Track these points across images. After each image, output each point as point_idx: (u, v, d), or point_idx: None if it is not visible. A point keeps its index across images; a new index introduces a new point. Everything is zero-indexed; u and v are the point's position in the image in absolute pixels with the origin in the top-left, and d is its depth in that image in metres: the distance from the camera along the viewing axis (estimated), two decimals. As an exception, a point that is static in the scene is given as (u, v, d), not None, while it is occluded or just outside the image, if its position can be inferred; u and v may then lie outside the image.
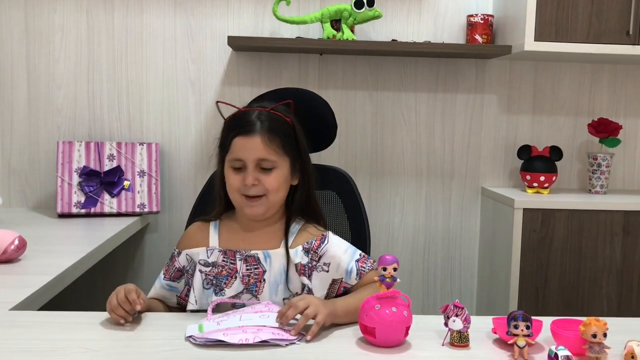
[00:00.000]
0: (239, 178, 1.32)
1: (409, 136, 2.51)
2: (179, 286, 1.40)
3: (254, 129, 1.31)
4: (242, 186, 1.32)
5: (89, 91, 2.42)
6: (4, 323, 1.18)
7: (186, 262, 1.38)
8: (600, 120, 2.41)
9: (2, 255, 1.54)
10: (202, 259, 1.36)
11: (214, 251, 1.36)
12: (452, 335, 1.12)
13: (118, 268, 2.44)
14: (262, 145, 1.31)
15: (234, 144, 1.32)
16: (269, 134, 1.32)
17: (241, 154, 1.32)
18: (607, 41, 2.20)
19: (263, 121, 1.33)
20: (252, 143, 1.31)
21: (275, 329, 1.13)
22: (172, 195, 2.46)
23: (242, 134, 1.32)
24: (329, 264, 1.35)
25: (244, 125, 1.32)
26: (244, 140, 1.31)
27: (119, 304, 1.17)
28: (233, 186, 1.33)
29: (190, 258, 1.38)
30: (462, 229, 2.56)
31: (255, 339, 1.09)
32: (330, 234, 1.40)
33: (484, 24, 2.37)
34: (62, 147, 2.25)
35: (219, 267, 1.35)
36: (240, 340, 1.08)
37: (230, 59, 2.43)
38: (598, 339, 1.03)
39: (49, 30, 2.38)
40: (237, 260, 1.34)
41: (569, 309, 2.22)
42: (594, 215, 2.21)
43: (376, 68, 2.48)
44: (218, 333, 1.10)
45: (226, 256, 1.35)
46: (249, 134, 1.31)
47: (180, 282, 1.40)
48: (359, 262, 1.36)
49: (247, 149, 1.31)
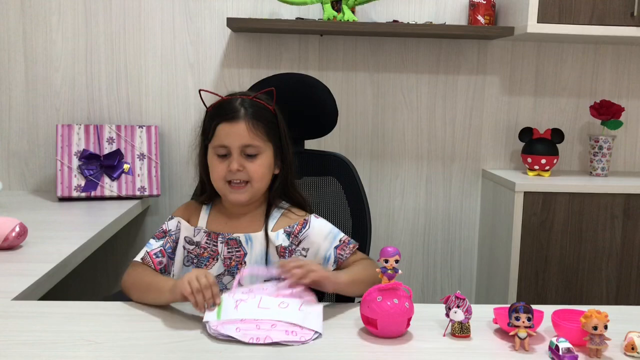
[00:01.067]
0: (223, 166, 1.33)
1: (410, 118, 2.50)
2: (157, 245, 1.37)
3: (238, 115, 1.32)
4: (226, 173, 1.33)
5: (87, 73, 2.40)
6: (7, 314, 1.18)
7: (174, 228, 1.39)
8: (602, 102, 2.39)
9: (3, 243, 1.54)
10: (188, 236, 1.38)
11: (200, 232, 1.38)
12: (454, 326, 1.12)
13: (119, 251, 2.45)
14: (246, 131, 1.32)
15: (219, 131, 1.33)
16: (253, 120, 1.33)
17: (226, 140, 1.32)
18: (611, 23, 2.17)
19: (247, 108, 1.34)
20: (236, 129, 1.32)
21: (289, 325, 1.11)
22: (172, 178, 2.46)
23: (226, 120, 1.32)
24: (307, 249, 1.37)
25: (228, 112, 1.33)
26: (228, 127, 1.32)
27: (201, 289, 1.15)
28: (218, 174, 1.34)
29: (179, 227, 1.39)
30: (462, 211, 2.56)
31: (266, 339, 1.08)
32: (312, 218, 1.39)
33: (487, 4, 2.34)
34: (62, 130, 2.23)
35: (201, 248, 1.37)
36: (252, 339, 1.08)
37: (230, 40, 2.41)
38: (599, 330, 1.03)
39: (46, 12, 2.35)
40: (218, 243, 1.36)
41: (568, 292, 2.23)
42: (594, 198, 2.21)
43: (377, 49, 2.45)
44: (231, 326, 1.10)
45: (209, 238, 1.37)
46: (233, 120, 1.32)
47: (160, 241, 1.37)
48: (338, 249, 1.36)
49: (231, 135, 1.32)
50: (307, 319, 1.14)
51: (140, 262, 1.34)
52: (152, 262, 1.34)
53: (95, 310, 1.22)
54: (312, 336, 1.10)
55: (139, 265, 1.34)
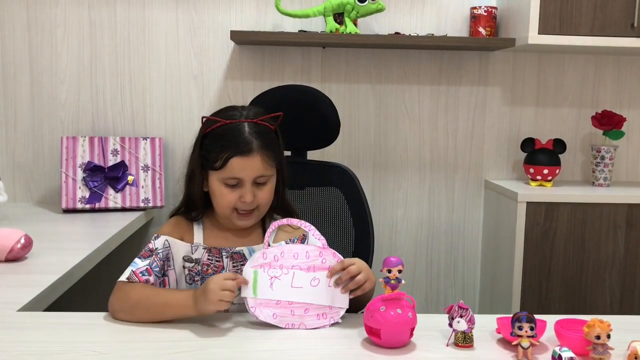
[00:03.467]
0: (234, 195, 1.31)
1: (412, 129, 2.51)
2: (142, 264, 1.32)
3: (252, 148, 1.30)
4: (237, 202, 1.32)
5: (91, 86, 2.42)
6: (13, 324, 1.19)
7: (161, 246, 1.33)
8: (604, 113, 2.40)
9: (9, 254, 1.55)
10: (186, 255, 1.35)
11: (199, 248, 1.36)
12: (457, 335, 1.12)
13: (122, 262, 2.42)
14: (261, 164, 1.31)
15: (232, 164, 1.30)
16: (266, 151, 1.31)
17: (240, 173, 1.30)
18: (611, 34, 2.19)
19: (257, 138, 1.31)
20: (252, 163, 1.30)
21: (320, 308, 1.22)
22: (176, 190, 2.47)
23: (240, 154, 1.29)
24: None
25: (241, 144, 1.30)
26: (243, 161, 1.29)
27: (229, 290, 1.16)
28: (228, 203, 1.32)
29: (167, 245, 1.34)
30: (465, 222, 2.57)
31: (300, 326, 1.20)
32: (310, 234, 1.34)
33: (488, 16, 2.36)
34: (67, 142, 2.25)
35: (203, 265, 1.35)
36: (287, 324, 1.20)
37: (233, 52, 2.43)
38: (602, 340, 1.04)
39: (51, 25, 2.38)
40: (222, 258, 1.35)
41: (571, 302, 2.23)
42: (597, 208, 2.21)
43: (379, 61, 2.47)
44: (269, 311, 1.20)
45: (211, 254, 1.36)
46: (248, 154, 1.30)
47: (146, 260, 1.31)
48: None
49: (247, 169, 1.30)
50: (336, 297, 1.23)
51: (126, 281, 1.27)
52: (138, 280, 1.27)
53: (100, 321, 1.22)
54: (341, 314, 1.23)
55: (129, 284, 1.26)
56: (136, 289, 1.25)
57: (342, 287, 1.22)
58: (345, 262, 1.23)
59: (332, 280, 1.23)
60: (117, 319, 1.22)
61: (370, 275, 1.24)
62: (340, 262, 1.23)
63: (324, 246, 1.26)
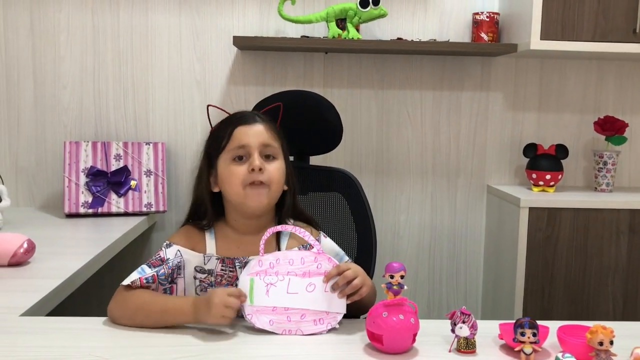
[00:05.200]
0: (243, 168, 1.31)
1: (415, 134, 2.51)
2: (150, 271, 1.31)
3: (255, 119, 1.36)
4: (246, 175, 1.30)
5: (94, 91, 2.43)
6: (15, 329, 1.19)
7: (173, 256, 1.32)
8: (606, 118, 2.40)
9: (12, 259, 1.55)
10: (199, 265, 1.34)
11: (212, 258, 1.34)
12: (459, 341, 1.12)
13: (125, 267, 2.44)
14: (265, 131, 1.34)
15: (236, 133, 1.33)
16: (270, 124, 1.37)
17: (245, 139, 1.32)
18: (613, 39, 2.19)
19: (261, 116, 1.38)
20: (255, 129, 1.34)
21: (317, 313, 1.21)
22: (179, 195, 2.47)
23: (243, 123, 1.34)
24: None
25: (244, 117, 1.36)
26: (247, 128, 1.34)
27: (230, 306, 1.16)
28: (237, 178, 1.30)
29: (180, 254, 1.33)
30: (467, 227, 2.56)
31: (297, 332, 1.19)
32: (322, 239, 1.40)
33: (490, 22, 2.36)
34: (69, 147, 2.25)
35: (217, 276, 1.34)
36: (284, 331, 1.20)
37: (236, 58, 2.44)
38: (605, 346, 1.03)
39: (55, 30, 2.39)
40: (236, 268, 1.33)
41: (574, 308, 2.23)
42: (599, 213, 2.21)
43: (381, 66, 2.48)
44: (265, 318, 1.20)
45: (224, 264, 1.34)
46: (252, 123, 1.35)
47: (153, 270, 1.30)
48: None
49: (251, 134, 1.33)
50: (333, 302, 1.22)
51: (128, 286, 1.26)
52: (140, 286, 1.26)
53: (103, 326, 1.22)
54: (338, 319, 1.22)
55: (129, 290, 1.25)
56: (136, 294, 1.25)
57: (339, 292, 1.22)
58: (341, 267, 1.23)
59: (328, 286, 1.23)
60: (118, 324, 1.22)
61: (367, 280, 1.24)
62: (336, 267, 1.23)
63: (320, 251, 1.26)
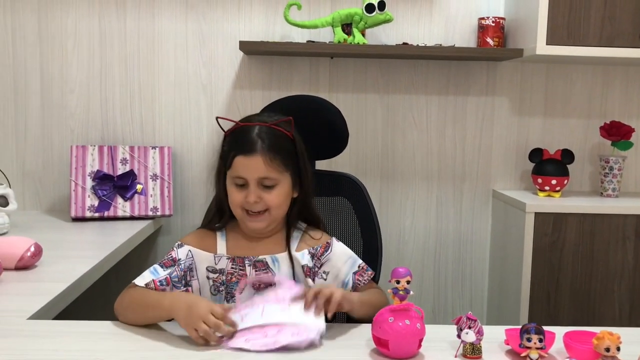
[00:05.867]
0: (241, 195, 1.34)
1: (420, 139, 2.51)
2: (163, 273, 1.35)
3: (255, 149, 1.32)
4: (244, 202, 1.34)
5: (101, 95, 2.44)
6: (22, 333, 1.19)
7: (184, 257, 1.36)
8: (612, 123, 2.40)
9: (19, 262, 1.56)
10: (210, 265, 1.37)
11: (222, 258, 1.37)
12: (465, 347, 1.12)
13: (131, 271, 2.44)
14: (263, 164, 1.32)
15: (236, 163, 1.33)
16: (270, 152, 1.32)
17: (243, 172, 1.33)
18: (619, 44, 2.19)
19: (264, 139, 1.33)
20: (253, 162, 1.32)
21: (294, 327, 1.15)
22: (185, 199, 2.48)
23: (243, 153, 1.32)
24: (328, 272, 1.40)
25: (245, 144, 1.33)
26: (245, 160, 1.32)
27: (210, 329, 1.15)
28: (236, 202, 1.35)
29: (191, 255, 1.36)
30: (473, 232, 2.56)
31: (275, 345, 1.12)
32: (334, 242, 1.43)
33: (495, 26, 2.36)
34: (76, 151, 2.26)
35: (227, 275, 1.37)
36: (262, 346, 1.12)
37: (242, 62, 2.44)
38: (611, 352, 1.03)
39: (62, 35, 2.40)
40: (245, 266, 1.37)
41: (580, 314, 2.22)
42: (605, 219, 2.20)
43: (387, 71, 2.48)
44: (240, 339, 1.14)
45: (234, 263, 1.37)
46: (249, 153, 1.32)
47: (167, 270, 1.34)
48: (356, 275, 1.40)
49: (248, 168, 1.32)
50: (310, 317, 1.18)
51: (143, 287, 1.30)
52: (155, 289, 1.30)
53: (109, 330, 1.23)
54: (318, 333, 1.15)
55: (133, 288, 1.30)
56: (137, 291, 1.29)
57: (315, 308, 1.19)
58: (317, 288, 1.22)
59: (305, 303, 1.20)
60: (120, 321, 1.26)
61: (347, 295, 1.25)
62: (311, 289, 1.22)
63: (294, 285, 1.25)
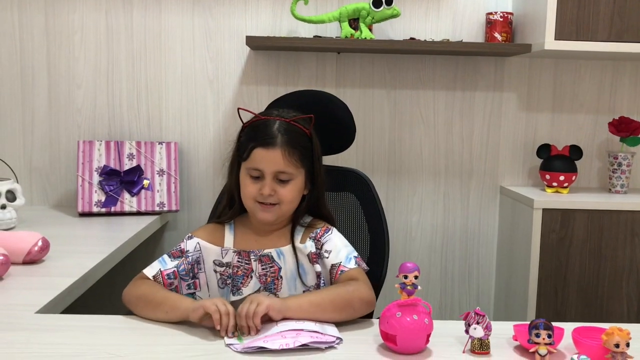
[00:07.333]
0: (255, 187, 1.36)
1: (427, 134, 2.51)
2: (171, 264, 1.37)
3: (275, 142, 1.34)
4: (258, 194, 1.35)
5: (108, 90, 2.44)
6: (30, 326, 1.20)
7: (192, 249, 1.39)
8: (621, 119, 2.38)
9: (27, 257, 1.57)
10: (217, 259, 1.40)
11: (229, 252, 1.39)
12: (473, 342, 1.12)
13: (137, 266, 2.45)
14: (282, 158, 1.33)
15: (254, 154, 1.35)
16: (289, 147, 1.34)
17: (261, 164, 1.34)
18: (629, 39, 2.17)
19: (283, 134, 1.35)
20: (272, 155, 1.33)
21: (313, 333, 1.15)
22: (191, 194, 2.48)
23: (263, 145, 1.34)
24: (330, 250, 1.38)
25: (266, 136, 1.34)
26: (264, 152, 1.34)
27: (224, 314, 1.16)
28: (249, 194, 1.37)
29: (199, 247, 1.39)
30: (480, 228, 2.55)
31: (295, 344, 1.11)
32: (334, 229, 1.43)
33: (503, 21, 2.35)
34: (83, 146, 2.27)
35: (234, 268, 1.39)
36: (281, 345, 1.11)
37: (248, 58, 2.44)
38: (621, 348, 1.02)
39: (69, 31, 2.40)
40: (251, 260, 1.38)
41: (588, 310, 2.21)
42: (614, 215, 2.19)
43: (394, 66, 2.47)
44: (258, 341, 1.12)
45: (240, 256, 1.39)
46: (270, 146, 1.33)
47: (174, 261, 1.37)
48: (356, 258, 1.39)
49: (267, 160, 1.34)
50: (325, 328, 1.19)
51: (151, 279, 1.33)
52: (162, 282, 1.34)
53: (117, 324, 1.23)
54: (336, 340, 1.15)
55: (149, 280, 1.34)
56: (147, 284, 1.32)
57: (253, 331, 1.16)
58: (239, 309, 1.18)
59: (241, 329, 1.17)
60: (128, 308, 1.28)
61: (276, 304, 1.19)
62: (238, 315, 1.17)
63: None
